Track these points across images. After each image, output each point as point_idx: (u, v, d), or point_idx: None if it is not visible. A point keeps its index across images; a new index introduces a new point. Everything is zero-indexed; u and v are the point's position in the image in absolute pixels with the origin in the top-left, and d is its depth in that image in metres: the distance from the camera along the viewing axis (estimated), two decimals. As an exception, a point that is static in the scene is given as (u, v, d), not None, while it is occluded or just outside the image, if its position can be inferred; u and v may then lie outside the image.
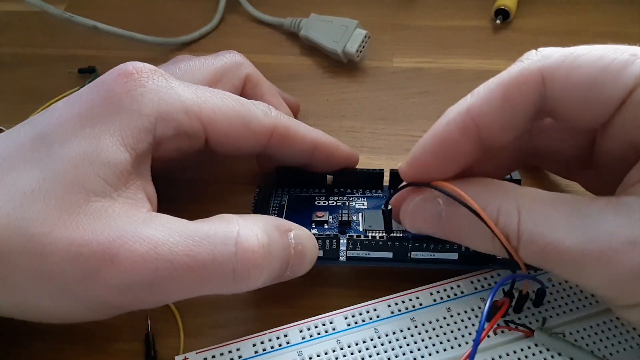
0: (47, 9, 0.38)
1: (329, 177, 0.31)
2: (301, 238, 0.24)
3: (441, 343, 0.23)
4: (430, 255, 0.26)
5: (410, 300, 0.25)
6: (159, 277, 0.20)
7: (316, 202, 0.30)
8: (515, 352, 0.23)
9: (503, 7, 0.43)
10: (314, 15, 0.42)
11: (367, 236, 0.26)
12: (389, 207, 0.25)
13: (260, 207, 0.29)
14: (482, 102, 0.22)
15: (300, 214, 0.29)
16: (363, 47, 0.40)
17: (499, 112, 0.21)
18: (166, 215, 0.22)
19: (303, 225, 0.27)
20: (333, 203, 0.30)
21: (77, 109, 0.23)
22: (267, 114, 0.27)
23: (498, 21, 0.44)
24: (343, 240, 0.26)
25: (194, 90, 0.25)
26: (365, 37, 0.40)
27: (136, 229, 0.21)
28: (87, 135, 0.22)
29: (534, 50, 0.22)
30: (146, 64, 0.25)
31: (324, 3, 0.46)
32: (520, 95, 0.21)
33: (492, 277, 0.26)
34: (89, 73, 0.40)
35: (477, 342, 0.21)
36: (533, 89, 0.21)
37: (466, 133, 0.22)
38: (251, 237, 0.22)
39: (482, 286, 0.26)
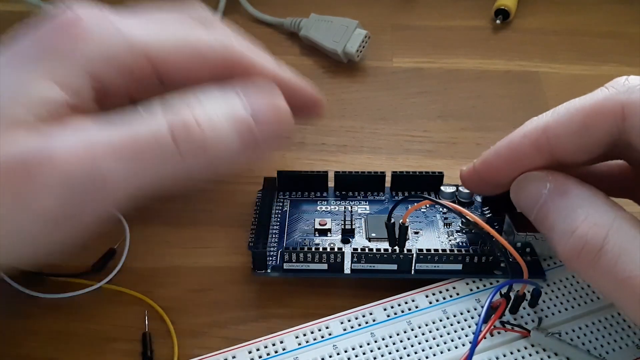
0: (47, 9, 0.38)
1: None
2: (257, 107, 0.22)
3: (438, 345, 0.23)
4: (435, 266, 0.26)
5: (406, 303, 0.25)
6: (98, 167, 0.20)
7: (318, 207, 0.30)
8: (512, 352, 0.23)
9: (503, 7, 0.43)
10: (314, 15, 0.42)
11: (372, 249, 0.26)
12: (392, 220, 0.25)
13: (262, 213, 0.28)
14: (560, 124, 0.22)
15: (303, 221, 0.29)
16: (363, 47, 0.40)
17: (575, 137, 0.22)
18: None
19: (306, 234, 0.27)
20: (335, 208, 0.30)
21: (12, 50, 0.22)
22: (220, 41, 0.25)
23: (498, 21, 0.44)
24: (347, 251, 0.26)
25: (139, 25, 0.23)
26: (365, 37, 0.40)
27: (70, 132, 0.20)
28: (20, 71, 0.21)
29: (623, 78, 0.22)
30: (89, 9, 0.23)
31: (324, 3, 0.46)
32: (598, 125, 0.22)
33: (488, 278, 0.26)
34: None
35: (474, 344, 0.21)
36: (611, 120, 0.21)
37: (539, 150, 0.23)
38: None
39: (478, 287, 0.26)
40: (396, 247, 0.26)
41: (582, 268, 0.21)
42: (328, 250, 0.26)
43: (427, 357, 0.23)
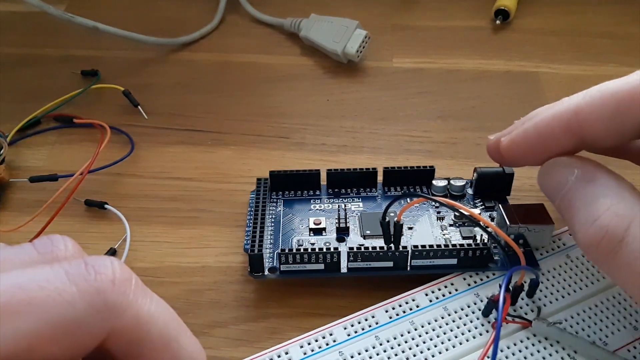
0: (47, 9, 0.38)
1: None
2: None
3: (442, 343, 0.24)
4: (430, 262, 0.26)
5: (407, 303, 0.25)
6: None
7: (312, 206, 0.30)
8: (515, 344, 0.23)
9: (503, 8, 0.43)
10: (314, 15, 0.42)
11: (368, 247, 0.26)
12: (386, 218, 0.25)
13: (256, 215, 0.28)
14: (592, 107, 0.22)
15: (297, 220, 0.29)
16: (363, 47, 0.40)
17: (607, 121, 0.22)
18: None
19: (301, 234, 0.27)
20: (329, 206, 0.30)
21: None
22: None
23: (498, 21, 0.44)
24: (343, 250, 0.26)
25: None
26: (366, 37, 0.40)
27: None
28: None
29: None
30: None
31: (324, 3, 0.46)
32: (632, 111, 0.21)
33: (483, 272, 0.26)
34: (92, 76, 0.40)
35: (497, 337, 0.21)
36: None
37: (569, 132, 0.22)
38: None
39: (475, 282, 0.26)
40: (391, 245, 0.26)
41: (601, 258, 0.21)
42: (324, 250, 0.26)
43: (433, 356, 0.23)
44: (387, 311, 0.25)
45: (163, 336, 0.16)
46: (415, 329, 0.24)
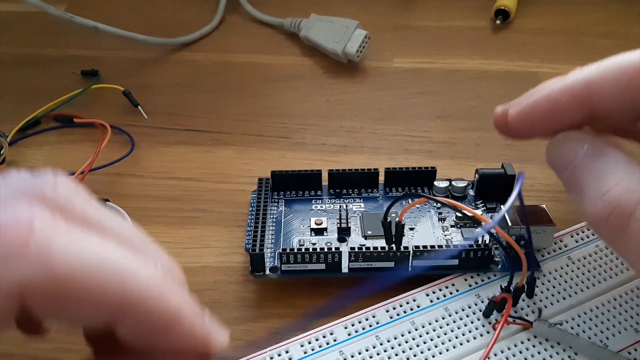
0: (47, 9, 0.38)
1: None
2: None
3: (443, 343, 0.24)
4: (431, 262, 0.26)
5: (408, 303, 0.25)
6: None
7: (313, 206, 0.30)
8: (516, 345, 0.23)
9: (503, 8, 0.43)
10: (314, 15, 0.42)
11: (369, 248, 0.26)
12: (388, 218, 0.25)
13: (257, 214, 0.28)
14: (605, 80, 0.22)
15: (299, 220, 0.29)
16: (363, 47, 0.40)
17: (619, 94, 0.21)
18: None
19: (302, 234, 0.27)
20: (330, 206, 0.30)
21: None
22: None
23: (498, 21, 0.44)
24: (345, 250, 0.26)
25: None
26: (366, 37, 0.40)
27: None
28: None
29: None
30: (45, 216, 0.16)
31: (324, 3, 0.46)
32: None
33: (484, 272, 0.26)
34: (92, 76, 0.40)
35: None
36: None
37: (580, 105, 0.22)
38: None
39: (476, 283, 0.26)
40: (393, 245, 0.26)
41: (609, 233, 0.20)
42: (325, 250, 0.26)
43: (433, 356, 0.23)
44: (387, 311, 0.25)
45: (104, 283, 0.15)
46: (416, 329, 0.24)
